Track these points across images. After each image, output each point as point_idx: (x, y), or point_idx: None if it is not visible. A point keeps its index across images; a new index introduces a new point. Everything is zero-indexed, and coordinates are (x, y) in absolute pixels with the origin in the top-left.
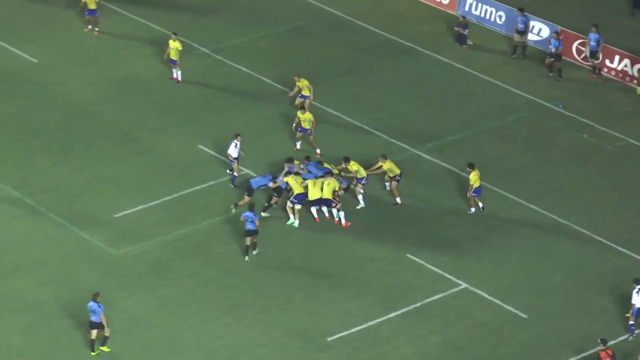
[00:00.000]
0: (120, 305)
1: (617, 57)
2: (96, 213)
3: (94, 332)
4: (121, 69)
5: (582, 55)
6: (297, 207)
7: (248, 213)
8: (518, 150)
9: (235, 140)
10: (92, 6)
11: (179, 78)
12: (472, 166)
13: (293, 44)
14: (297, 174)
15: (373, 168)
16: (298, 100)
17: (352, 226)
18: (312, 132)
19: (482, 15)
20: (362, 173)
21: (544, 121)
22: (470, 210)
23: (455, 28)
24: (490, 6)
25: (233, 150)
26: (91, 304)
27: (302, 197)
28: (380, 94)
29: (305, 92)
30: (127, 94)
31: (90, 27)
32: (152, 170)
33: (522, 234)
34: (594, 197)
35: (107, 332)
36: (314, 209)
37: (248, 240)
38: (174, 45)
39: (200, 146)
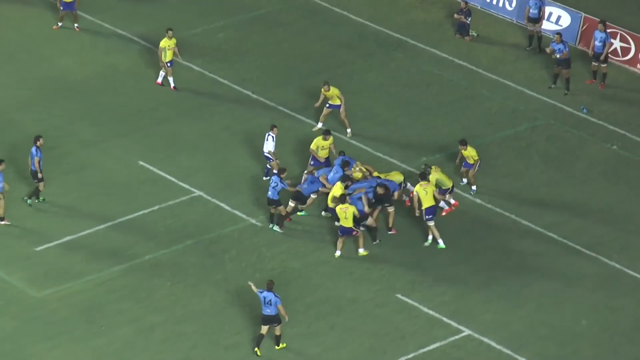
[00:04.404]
0: (44, 359)
1: None
2: (13, 246)
3: (265, 328)
4: (45, 68)
5: (611, 49)
6: (431, 223)
7: (274, 177)
8: (533, 165)
9: (270, 133)
10: None
11: (163, 82)
12: (464, 143)
13: (257, 37)
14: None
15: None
16: (326, 111)
17: (328, 260)
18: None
19: None
20: (448, 184)
21: (565, 130)
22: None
23: (456, 16)
24: None
25: (271, 145)
26: (266, 293)
27: (435, 211)
28: (364, 97)
29: (335, 102)
30: (53, 98)
31: (60, 24)
32: (83, 193)
33: (538, 269)
34: (626, 222)
35: (278, 330)
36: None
37: (271, 209)
38: (172, 43)
39: (142, 163)
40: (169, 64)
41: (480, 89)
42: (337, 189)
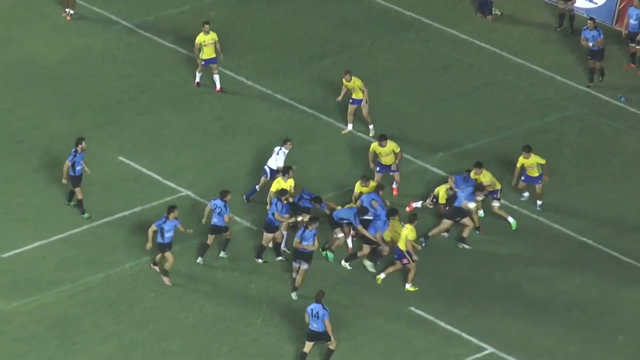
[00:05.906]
0: None
1: None
2: None
3: (310, 345)
4: (12, 52)
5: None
6: (497, 204)
7: (217, 201)
8: (564, 161)
9: (282, 148)
10: None
11: (218, 84)
12: (479, 165)
13: (252, 16)
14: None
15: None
16: (350, 108)
17: (333, 269)
18: (397, 166)
19: None
20: (497, 185)
21: (600, 121)
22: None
23: None
24: None
25: (273, 162)
26: (314, 305)
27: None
28: (372, 84)
29: (358, 95)
30: (21, 85)
31: (68, 9)
32: (55, 193)
33: (569, 278)
34: None
35: (332, 344)
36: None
37: (211, 239)
38: (210, 38)
39: (122, 158)
40: (204, 63)
41: (504, 74)
42: (276, 183)
